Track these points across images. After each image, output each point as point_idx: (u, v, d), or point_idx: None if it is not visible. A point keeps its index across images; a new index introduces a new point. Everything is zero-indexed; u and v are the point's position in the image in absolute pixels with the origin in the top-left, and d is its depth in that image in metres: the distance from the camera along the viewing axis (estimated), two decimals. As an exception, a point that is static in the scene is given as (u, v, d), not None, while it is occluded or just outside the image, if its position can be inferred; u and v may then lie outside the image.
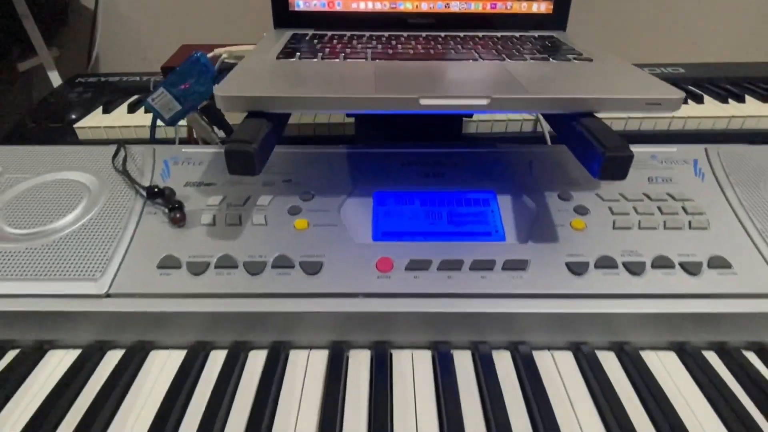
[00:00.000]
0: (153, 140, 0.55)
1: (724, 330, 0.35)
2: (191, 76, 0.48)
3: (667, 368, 0.34)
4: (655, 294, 0.35)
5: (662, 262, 0.36)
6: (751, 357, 0.35)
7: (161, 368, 0.34)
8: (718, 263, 0.37)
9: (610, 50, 0.48)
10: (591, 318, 0.35)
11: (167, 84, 0.49)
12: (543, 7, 0.55)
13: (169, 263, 0.37)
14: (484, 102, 0.34)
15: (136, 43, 1.10)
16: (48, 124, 0.75)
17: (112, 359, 0.35)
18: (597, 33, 1.04)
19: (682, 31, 1.07)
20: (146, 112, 0.72)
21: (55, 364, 0.35)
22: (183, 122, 0.52)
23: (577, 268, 0.36)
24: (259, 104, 0.34)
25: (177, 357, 0.35)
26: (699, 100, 0.74)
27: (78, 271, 0.36)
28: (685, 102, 0.73)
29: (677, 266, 0.36)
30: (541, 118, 0.62)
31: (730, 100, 0.74)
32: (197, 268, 0.36)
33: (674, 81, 0.83)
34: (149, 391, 0.33)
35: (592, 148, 0.32)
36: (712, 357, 0.35)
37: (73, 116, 0.74)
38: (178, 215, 0.39)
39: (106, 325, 0.35)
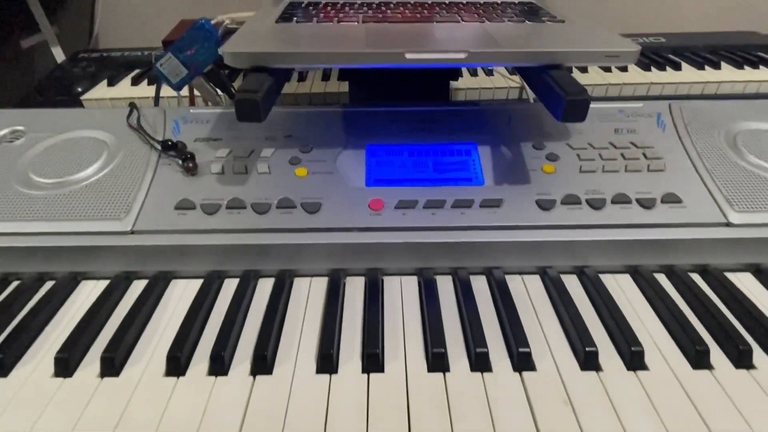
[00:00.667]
0: (156, 104, 0.59)
1: (673, 254, 0.40)
2: (196, 42, 0.52)
3: (622, 288, 0.39)
4: (613, 225, 0.40)
5: (621, 199, 0.41)
6: (696, 278, 0.40)
7: (181, 295, 0.39)
8: (670, 198, 0.41)
9: (580, 11, 0.52)
10: (556, 245, 0.40)
11: (174, 49, 0.53)
12: (523, -25, 0.59)
13: (185, 205, 0.41)
14: (462, 56, 0.38)
15: (135, 19, 1.13)
16: (55, 96, 0.79)
17: (137, 288, 0.40)
18: (579, 3, 1.07)
19: (663, 1, 1.10)
20: (151, 81, 0.75)
21: (88, 293, 0.39)
22: (185, 92, 0.56)
23: (545, 204, 0.41)
24: (262, 59, 0.39)
25: (195, 285, 0.40)
26: (677, 67, 0.78)
27: (104, 212, 0.41)
28: (663, 69, 0.77)
29: (634, 202, 0.41)
30: (526, 86, 0.66)
31: (706, 67, 0.78)
32: (210, 209, 0.41)
33: (655, 50, 0.87)
34: (171, 314, 0.38)
35: (556, 94, 0.37)
36: (661, 278, 0.40)
37: (79, 89, 0.78)
38: (191, 164, 0.44)
39: (132, 258, 0.40)
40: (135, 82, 0.78)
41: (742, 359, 0.32)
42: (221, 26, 0.52)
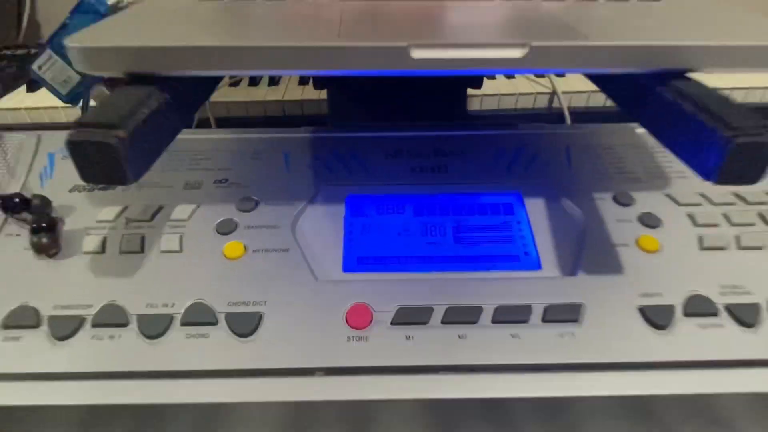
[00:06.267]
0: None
1: None
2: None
3: (802, 476, 0.22)
4: (782, 359, 0.22)
5: (784, 305, 0.24)
6: None
7: (2, 495, 0.21)
8: None
9: None
10: (683, 401, 0.22)
11: (55, 45, 0.35)
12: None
13: (20, 320, 0.23)
14: (519, 54, 0.20)
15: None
16: (-41, 106, 0.61)
17: None
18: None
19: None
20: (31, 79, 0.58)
21: None
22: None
23: (657, 317, 0.23)
24: (144, 61, 0.20)
25: (28, 476, 0.22)
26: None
27: None
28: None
29: (809, 311, 0.24)
30: (558, 91, 0.48)
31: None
32: (64, 328, 0.23)
33: None
34: None
35: (706, 129, 0.19)
36: None
37: (-8, 96, 0.60)
38: (44, 240, 0.26)
39: None
40: (32, 75, 0.60)
41: None
42: (122, 3, 0.34)
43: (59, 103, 0.55)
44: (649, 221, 0.27)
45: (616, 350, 0.23)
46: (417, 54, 0.20)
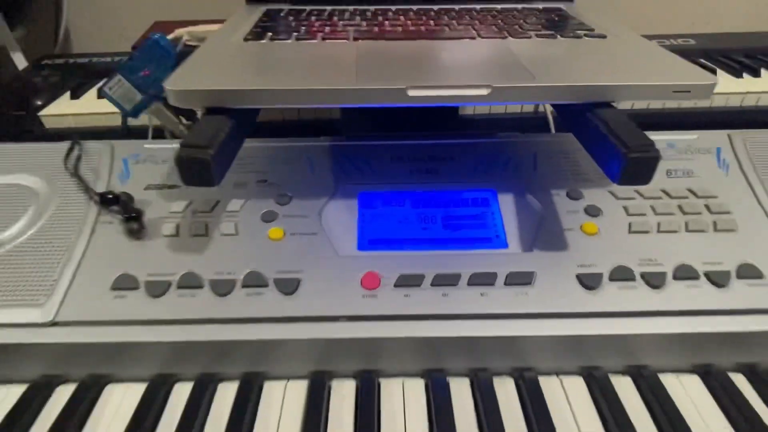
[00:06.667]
0: (125, 129, 0.50)
1: (755, 350, 0.31)
2: (151, 62, 0.42)
3: (689, 394, 0.30)
4: (677, 311, 0.31)
5: (685, 273, 0.32)
6: (785, 379, 0.31)
7: (118, 404, 0.30)
8: (748, 272, 0.32)
9: (616, 19, 0.42)
10: (605, 340, 0.30)
11: (125, 71, 0.43)
12: (548, -25, 0.49)
13: (125, 284, 0.32)
14: (484, 92, 0.29)
15: (109, 20, 1.02)
16: (11, 112, 0.69)
17: (62, 395, 0.31)
18: (602, 1, 0.97)
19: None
20: (100, 97, 0.66)
21: (-1, 402, 0.30)
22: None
23: (589, 281, 0.32)
24: (218, 99, 0.29)
25: (136, 391, 0.31)
26: (711, 73, 0.68)
27: (20, 296, 0.32)
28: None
29: (702, 277, 0.32)
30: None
31: (744, 75, 0.68)
32: (157, 289, 0.32)
33: (684, 54, 0.77)
34: (106, 430, 0.29)
35: (611, 146, 0.27)
36: (740, 380, 0.31)
37: (39, 103, 0.68)
38: (135, 226, 0.35)
39: (54, 357, 0.31)
40: (102, 94, 0.68)
41: None
42: (179, 42, 0.42)
43: (101, 109, 0.64)
44: (592, 211, 0.36)
45: (557, 305, 0.31)
46: (412, 93, 0.29)
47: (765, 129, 0.43)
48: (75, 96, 0.68)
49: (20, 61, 0.89)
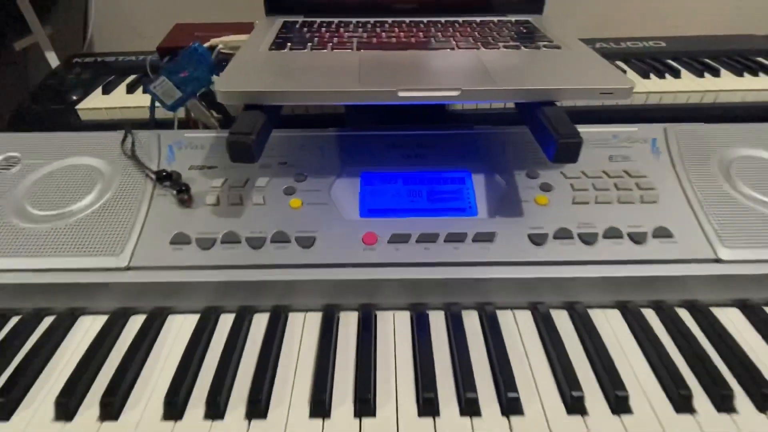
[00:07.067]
0: (152, 121, 0.59)
1: (662, 291, 0.41)
2: (190, 65, 0.52)
3: (611, 324, 0.40)
4: (604, 261, 0.41)
5: (612, 233, 0.42)
6: (684, 313, 0.40)
7: (178, 330, 0.40)
8: (662, 233, 0.42)
9: (593, 25, 0.51)
10: (547, 282, 0.40)
11: (167, 72, 0.53)
12: (521, -8, 0.58)
13: (180, 239, 0.42)
14: (455, 93, 0.38)
15: (129, 22, 1.11)
16: (50, 106, 0.78)
17: (135, 323, 0.40)
18: (580, 7, 1.06)
19: (665, 4, 1.09)
20: (144, 92, 0.75)
21: (86, 329, 0.40)
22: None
23: (537, 240, 0.41)
24: (254, 98, 0.39)
25: (191, 320, 0.40)
26: (676, 74, 0.76)
27: (100, 248, 0.41)
28: (663, 76, 0.76)
29: (625, 236, 0.42)
30: None
31: (706, 74, 0.76)
32: (205, 244, 0.41)
33: (655, 55, 0.85)
34: (169, 351, 0.38)
35: (548, 134, 0.37)
36: (650, 314, 0.41)
37: (74, 98, 0.76)
38: (186, 197, 0.44)
39: (128, 293, 0.41)
40: (130, 89, 0.77)
41: (724, 403, 0.33)
42: (215, 50, 0.51)
43: (130, 104, 0.73)
44: (545, 187, 0.45)
45: (512, 256, 0.41)
46: (401, 93, 0.38)
47: (698, 123, 0.52)
48: (106, 92, 0.77)
49: (53, 59, 0.98)
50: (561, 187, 0.45)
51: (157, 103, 0.55)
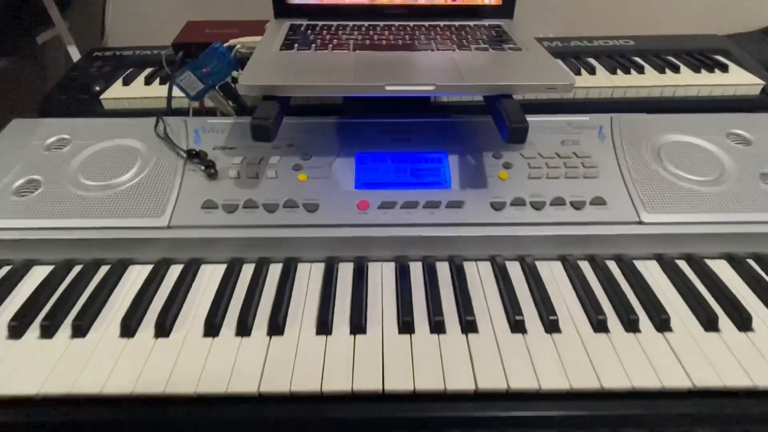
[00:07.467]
0: (169, 110, 0.68)
1: (594, 246, 0.51)
2: (212, 62, 0.61)
3: (552, 272, 0.50)
4: (549, 223, 0.51)
5: (557, 202, 0.52)
6: (611, 265, 0.51)
7: (210, 276, 0.50)
8: (597, 201, 0.52)
9: (567, 24, 0.59)
10: (504, 239, 0.50)
11: (192, 67, 0.62)
12: (494, 0, 0.68)
13: (209, 205, 0.52)
14: (431, 88, 0.48)
15: (142, 18, 1.19)
16: (76, 95, 0.86)
17: (175, 271, 0.50)
18: (557, 7, 1.15)
19: (637, 6, 1.18)
20: (162, 81, 0.84)
21: (136, 275, 0.50)
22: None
23: (497, 206, 0.52)
24: (270, 91, 0.48)
25: (220, 269, 0.50)
26: (641, 70, 0.86)
27: (145, 211, 0.51)
28: (628, 72, 0.85)
29: (568, 204, 0.52)
30: None
31: (667, 71, 0.86)
32: (230, 209, 0.51)
33: (623, 53, 0.95)
34: (203, 291, 0.48)
35: (503, 121, 0.47)
36: (584, 265, 0.51)
37: (97, 88, 0.85)
38: (212, 171, 0.54)
39: (169, 247, 0.50)
40: (148, 81, 0.86)
41: (631, 325, 0.43)
42: (233, 49, 0.61)
43: (149, 94, 0.82)
44: (507, 166, 0.55)
45: (477, 218, 0.51)
46: (388, 88, 0.48)
47: (639, 114, 0.62)
48: (126, 83, 0.85)
49: (74, 53, 1.07)
50: (519, 165, 0.56)
51: (179, 93, 0.64)
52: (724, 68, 0.87)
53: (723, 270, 0.50)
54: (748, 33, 1.20)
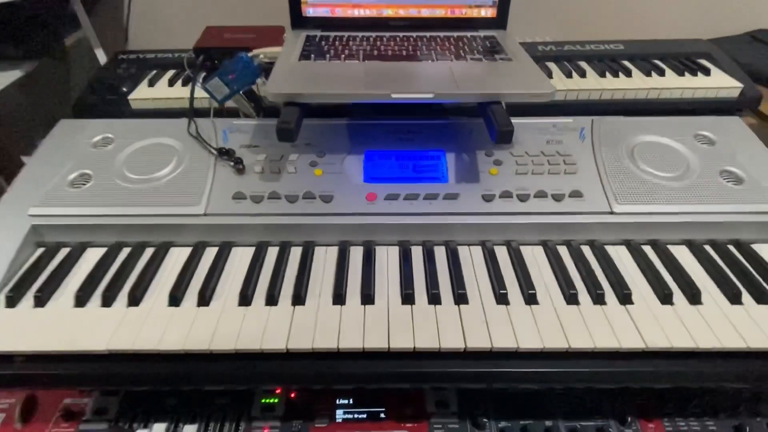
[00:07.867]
0: (192, 111, 0.75)
1: (571, 233, 0.59)
2: (237, 70, 0.69)
3: (534, 256, 0.58)
4: (532, 212, 0.59)
5: (540, 194, 0.60)
6: (585, 249, 0.59)
7: (240, 257, 0.58)
8: (575, 194, 0.60)
9: (560, 28, 0.66)
10: (493, 227, 0.58)
11: (219, 74, 0.70)
12: (489, 13, 0.75)
13: (239, 196, 0.60)
14: (430, 95, 0.56)
15: (162, 23, 1.27)
16: (105, 96, 0.94)
17: (211, 252, 0.59)
18: (548, 12, 1.22)
19: (628, 10, 1.25)
20: (185, 83, 0.91)
21: (177, 256, 0.58)
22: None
23: (487, 198, 0.60)
24: (293, 98, 0.56)
25: (249, 251, 0.59)
26: (628, 74, 0.92)
27: (184, 201, 0.59)
28: (617, 75, 0.92)
29: (549, 196, 0.60)
30: None
31: (653, 74, 0.92)
32: (257, 199, 0.60)
33: (613, 57, 1.01)
34: (236, 269, 0.56)
35: (492, 124, 0.54)
36: (563, 250, 0.59)
37: (124, 89, 0.92)
38: (240, 167, 0.62)
39: (205, 232, 0.59)
40: (171, 83, 0.93)
41: (598, 299, 0.51)
42: (257, 58, 0.69)
43: (173, 95, 0.89)
44: (497, 163, 0.63)
45: (469, 209, 0.59)
46: (393, 95, 0.56)
47: (617, 116, 0.69)
48: (151, 84, 0.93)
49: (101, 56, 1.15)
50: (508, 163, 0.63)
51: (201, 94, 0.71)
52: (707, 72, 0.92)
53: (682, 254, 0.58)
54: (733, 36, 1.27)
